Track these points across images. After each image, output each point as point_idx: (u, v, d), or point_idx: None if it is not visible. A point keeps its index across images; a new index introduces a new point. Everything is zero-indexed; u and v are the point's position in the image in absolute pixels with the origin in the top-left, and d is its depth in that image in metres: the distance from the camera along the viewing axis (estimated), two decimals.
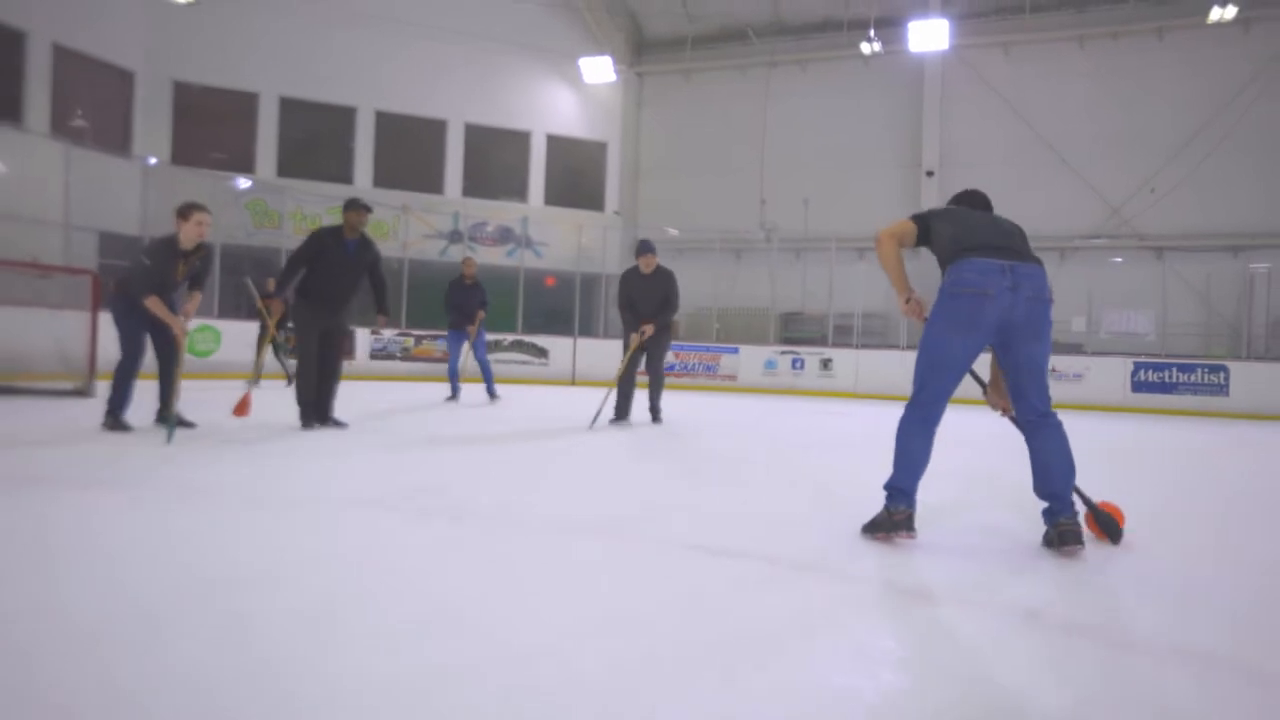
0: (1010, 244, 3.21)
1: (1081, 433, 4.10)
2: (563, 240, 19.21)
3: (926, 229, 3.33)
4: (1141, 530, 3.53)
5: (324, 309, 6.26)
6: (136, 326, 5.82)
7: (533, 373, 17.06)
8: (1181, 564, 3.27)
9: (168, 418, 5.58)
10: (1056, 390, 4.05)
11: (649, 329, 7.45)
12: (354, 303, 6.52)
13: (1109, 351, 14.95)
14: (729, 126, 20.18)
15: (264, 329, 10.61)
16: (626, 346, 7.63)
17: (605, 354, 17.53)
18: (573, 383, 17.23)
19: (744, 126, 19.97)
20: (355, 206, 6.42)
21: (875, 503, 3.33)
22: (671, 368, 17.32)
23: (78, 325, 8.31)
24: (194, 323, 13.40)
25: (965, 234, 3.24)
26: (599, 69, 19.73)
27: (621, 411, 7.55)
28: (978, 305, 3.08)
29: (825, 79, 19.50)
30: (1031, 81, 17.67)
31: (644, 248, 7.68)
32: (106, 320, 8.97)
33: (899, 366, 16.68)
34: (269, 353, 11.51)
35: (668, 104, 21.00)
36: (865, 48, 17.70)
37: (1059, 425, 3.21)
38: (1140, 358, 14.03)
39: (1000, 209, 3.52)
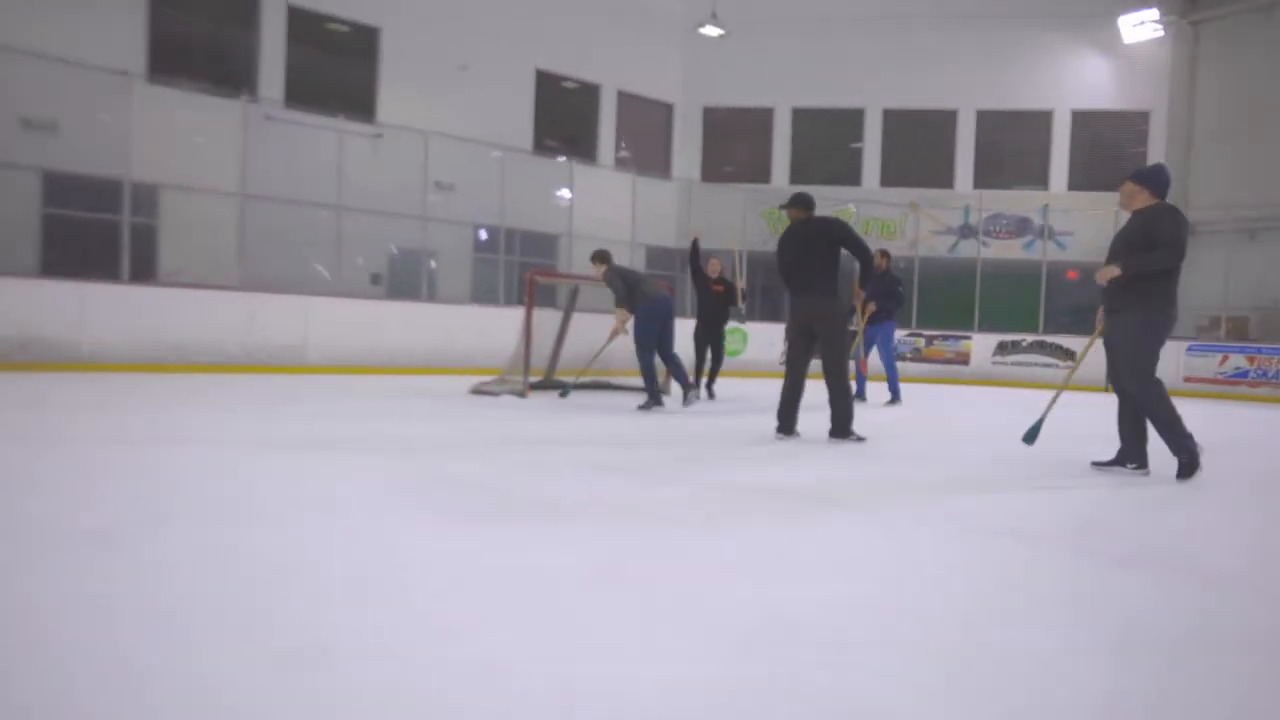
0: None
1: None
2: (1090, 228, 16.90)
3: None
4: None
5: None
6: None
7: (1057, 376, 15.29)
8: None
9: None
10: None
11: None
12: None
13: None
14: None
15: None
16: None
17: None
18: (1106, 389, 15.00)
19: None
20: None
21: None
22: (1244, 374, 14.11)
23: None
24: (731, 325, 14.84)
25: None
26: (1141, 26, 16.93)
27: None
28: None
29: None
30: None
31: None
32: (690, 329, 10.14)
33: None
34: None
35: (1234, 54, 17.15)
36: None
37: None
38: None
39: None
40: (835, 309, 5.87)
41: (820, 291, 5.68)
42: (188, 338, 9.08)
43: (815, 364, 5.77)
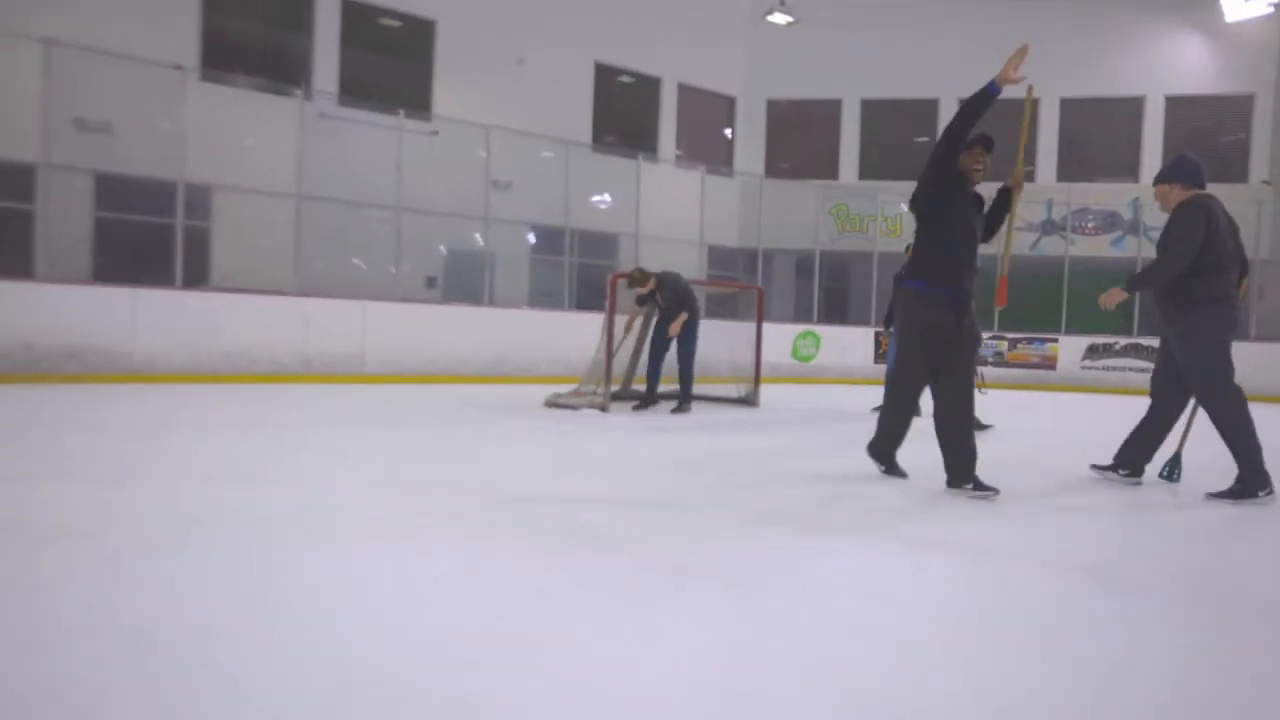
0: None
1: None
2: None
3: None
4: None
5: None
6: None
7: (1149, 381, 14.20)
8: None
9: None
10: None
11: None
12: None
13: None
14: None
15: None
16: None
17: (1264, 359, 13.84)
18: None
19: None
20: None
21: None
22: None
23: (746, 335, 8.83)
24: (802, 328, 14.06)
25: None
26: (1245, 3, 15.70)
27: None
28: None
29: None
30: None
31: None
32: (771, 332, 9.55)
33: None
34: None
35: None
36: None
37: None
38: None
39: None
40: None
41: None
42: (241, 345, 8.64)
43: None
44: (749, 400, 8.61)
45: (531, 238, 14.41)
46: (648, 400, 7.65)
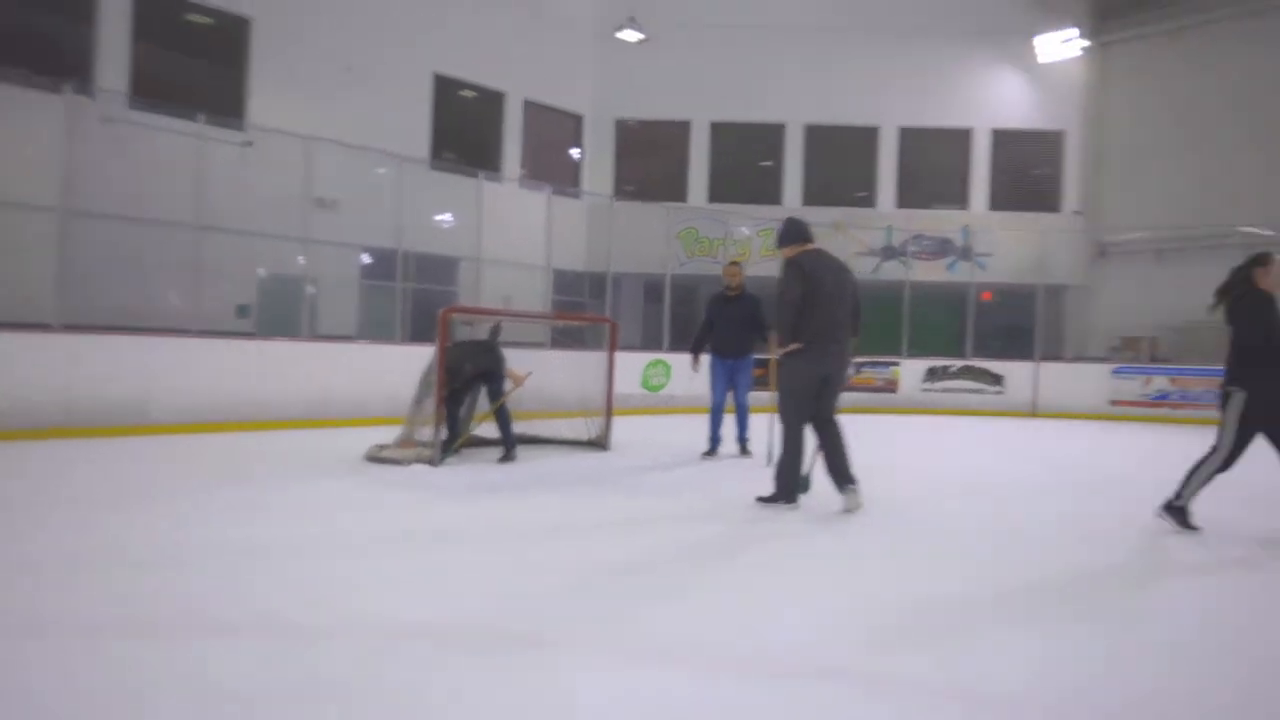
0: None
1: None
2: (1011, 249, 16.62)
3: None
4: None
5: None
6: None
7: (986, 403, 14.80)
8: None
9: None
10: None
11: None
12: None
13: None
14: (1232, 91, 15.95)
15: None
16: None
17: (1076, 380, 14.69)
18: (1033, 414, 14.64)
19: (1256, 88, 15.64)
20: None
21: None
22: (1166, 396, 13.90)
23: (595, 365, 8.16)
24: (651, 356, 13.59)
25: None
26: (1057, 45, 16.82)
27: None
28: None
29: None
30: None
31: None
32: (621, 361, 8.88)
33: None
34: None
35: (1144, 75, 17.26)
36: None
37: None
38: None
39: None
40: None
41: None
42: None
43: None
44: (599, 443, 7.96)
45: (365, 258, 13.24)
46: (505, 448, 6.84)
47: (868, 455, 5.80)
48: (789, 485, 5.16)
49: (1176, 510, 4.78)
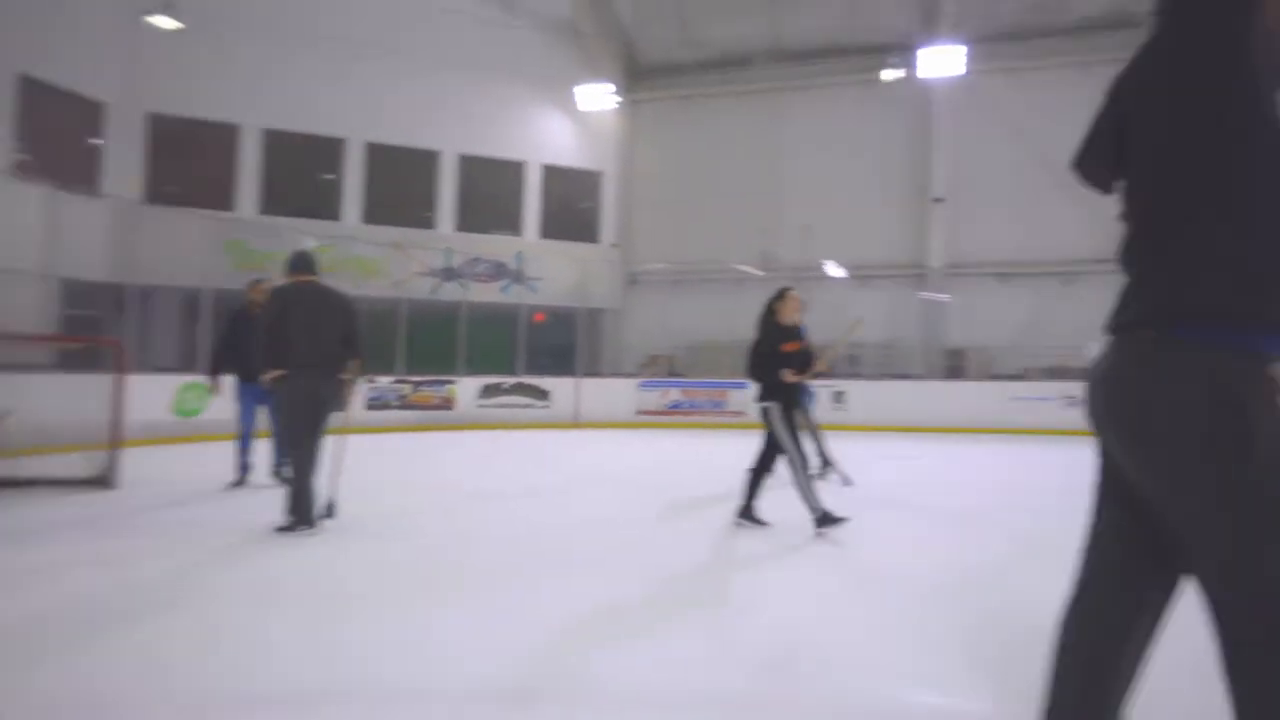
0: None
1: None
2: (558, 275, 18.46)
3: None
4: None
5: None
6: None
7: (535, 416, 16.22)
8: None
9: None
10: None
11: None
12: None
13: None
14: (729, 154, 19.62)
15: None
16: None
17: (611, 394, 16.77)
18: (576, 425, 16.43)
19: (744, 153, 19.42)
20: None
21: None
22: (679, 405, 16.63)
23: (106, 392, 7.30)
24: (187, 379, 12.49)
25: None
26: (596, 96, 19.06)
27: None
28: None
29: (827, 105, 19.01)
30: (1037, 107, 17.29)
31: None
32: (149, 385, 7.96)
33: (911, 398, 16.20)
34: None
35: (665, 131, 20.37)
36: (887, 74, 17.30)
37: None
38: None
39: (1007, 235, 2.82)
40: None
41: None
42: None
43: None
44: (103, 480, 7.10)
45: None
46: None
47: (413, 472, 6.12)
48: (305, 507, 5.30)
49: (824, 517, 5.46)
